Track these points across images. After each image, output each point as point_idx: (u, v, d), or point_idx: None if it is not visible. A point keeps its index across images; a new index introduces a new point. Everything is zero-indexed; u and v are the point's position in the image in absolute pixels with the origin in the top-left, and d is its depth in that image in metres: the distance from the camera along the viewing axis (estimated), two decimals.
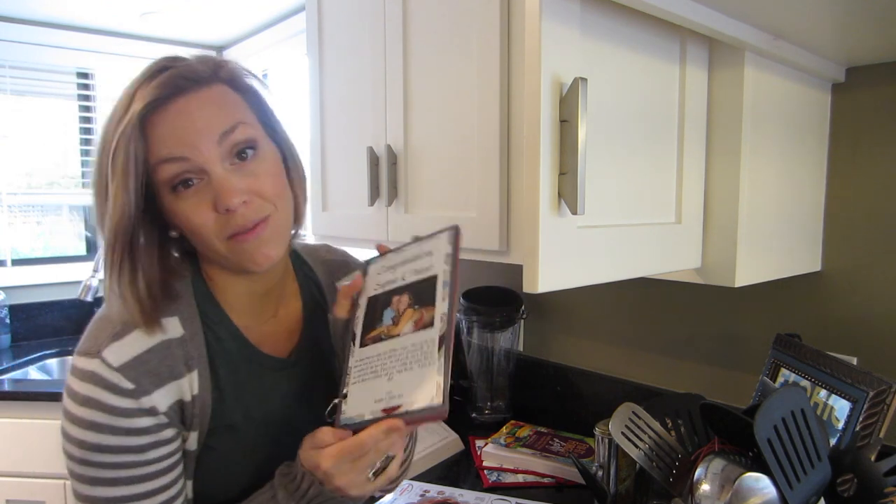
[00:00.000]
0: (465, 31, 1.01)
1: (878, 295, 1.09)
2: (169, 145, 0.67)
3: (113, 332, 0.70)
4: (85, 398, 0.68)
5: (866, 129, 1.09)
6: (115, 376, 0.68)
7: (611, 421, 0.91)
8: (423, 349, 0.66)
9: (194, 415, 0.74)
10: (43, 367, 2.23)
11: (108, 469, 0.69)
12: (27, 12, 2.31)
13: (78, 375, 0.69)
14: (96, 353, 0.69)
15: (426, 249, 0.74)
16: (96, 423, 0.68)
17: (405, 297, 0.72)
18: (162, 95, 0.68)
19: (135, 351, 0.70)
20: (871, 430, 0.87)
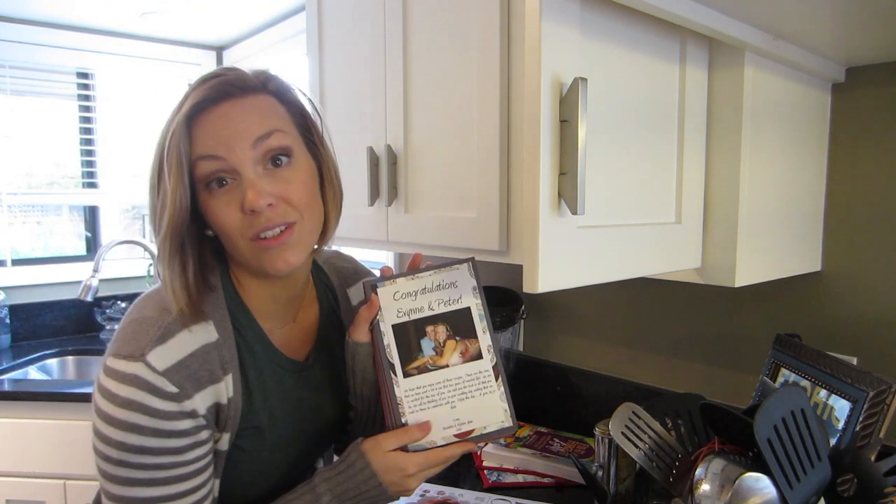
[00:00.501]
0: (465, 31, 1.01)
1: (878, 295, 1.09)
2: (207, 144, 0.72)
3: (157, 336, 0.71)
4: (127, 401, 0.69)
5: (866, 129, 1.09)
6: (160, 380, 0.69)
7: (611, 421, 0.91)
8: (480, 379, 0.76)
9: (228, 416, 0.76)
10: (43, 367, 2.23)
11: (146, 470, 0.70)
12: (27, 12, 2.31)
13: (118, 378, 0.69)
14: (140, 357, 0.69)
15: (449, 280, 0.80)
16: (138, 426, 0.69)
17: (441, 328, 0.78)
18: (209, 98, 0.72)
19: (178, 355, 0.71)
20: (871, 430, 0.87)
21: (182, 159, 0.71)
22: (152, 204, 0.74)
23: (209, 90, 0.72)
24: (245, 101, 0.74)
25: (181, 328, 0.73)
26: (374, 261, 2.18)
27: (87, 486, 1.82)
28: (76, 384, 1.98)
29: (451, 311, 0.78)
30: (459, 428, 0.76)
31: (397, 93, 1.14)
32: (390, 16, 1.15)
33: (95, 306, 2.46)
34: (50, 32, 2.43)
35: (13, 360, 2.13)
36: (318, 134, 0.84)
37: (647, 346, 1.41)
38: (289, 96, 0.80)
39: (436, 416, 0.76)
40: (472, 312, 0.78)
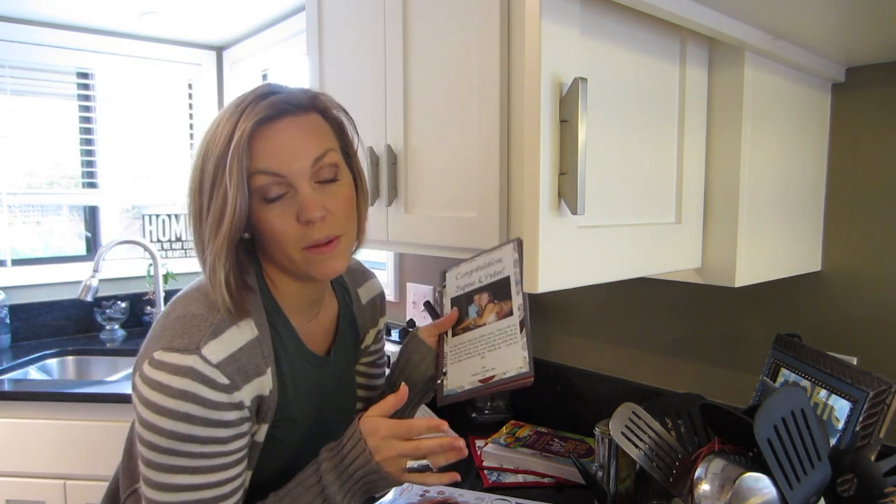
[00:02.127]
0: (466, 31, 1.01)
1: (878, 295, 1.09)
2: (269, 160, 0.77)
3: (210, 331, 0.75)
4: (180, 391, 0.72)
5: (866, 129, 1.09)
6: (214, 372, 0.73)
7: (611, 421, 0.91)
8: (508, 332, 0.84)
9: (269, 408, 0.81)
10: (43, 367, 2.23)
11: (192, 458, 0.74)
12: (27, 12, 2.31)
13: (171, 370, 0.73)
14: (195, 350, 0.73)
15: (496, 258, 0.91)
16: (190, 415, 0.72)
17: (485, 295, 0.90)
18: (269, 115, 0.77)
19: (230, 349, 0.76)
20: (871, 430, 0.87)
21: (243, 171, 0.75)
22: (201, 208, 0.78)
23: (270, 108, 0.77)
24: (300, 119, 0.79)
25: (230, 325, 0.77)
26: (374, 261, 2.18)
27: (87, 486, 1.82)
28: (76, 384, 1.98)
29: (494, 280, 0.89)
30: (483, 374, 0.85)
31: (397, 93, 1.14)
32: (390, 16, 1.15)
33: (95, 306, 2.46)
34: (50, 32, 2.43)
35: (13, 360, 2.13)
36: (353, 148, 0.89)
37: (647, 346, 1.41)
38: (331, 114, 0.86)
39: (468, 365, 0.87)
40: (511, 280, 0.87)
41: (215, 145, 0.76)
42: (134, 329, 2.57)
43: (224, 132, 0.76)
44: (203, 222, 0.78)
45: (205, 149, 0.78)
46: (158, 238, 2.72)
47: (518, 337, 0.83)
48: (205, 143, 0.78)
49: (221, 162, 0.75)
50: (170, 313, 0.80)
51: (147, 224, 2.68)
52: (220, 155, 0.75)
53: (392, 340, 1.69)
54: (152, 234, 2.70)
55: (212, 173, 0.76)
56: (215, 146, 0.76)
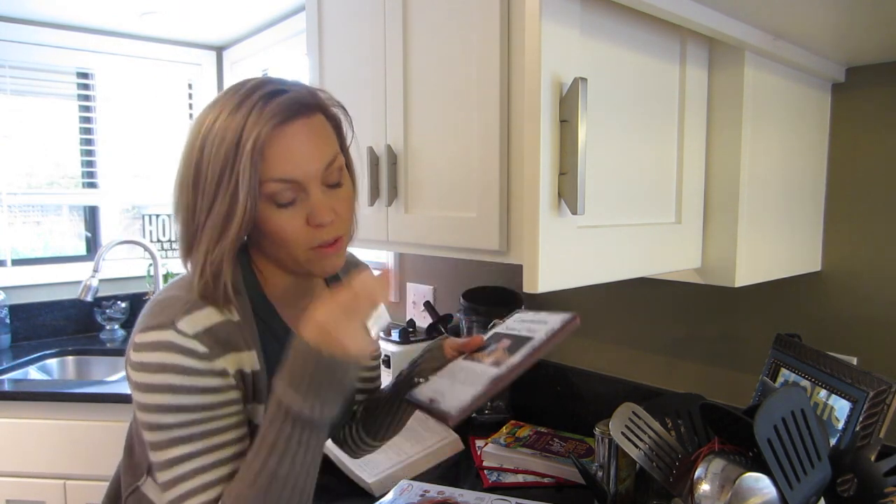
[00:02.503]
0: (466, 31, 1.01)
1: (878, 295, 1.09)
2: (283, 166, 0.75)
3: (185, 308, 0.76)
4: (160, 365, 0.73)
5: (866, 129, 1.09)
6: (191, 342, 0.74)
7: (611, 421, 0.91)
8: (480, 378, 0.83)
9: (259, 389, 0.81)
10: (43, 367, 2.23)
11: (184, 427, 0.74)
12: (27, 12, 2.31)
13: (150, 348, 0.74)
14: (170, 325, 0.74)
15: (545, 319, 0.91)
16: (172, 386, 0.73)
17: (506, 341, 0.91)
18: (282, 119, 0.75)
19: (206, 323, 0.76)
20: (871, 430, 0.87)
21: (255, 175, 0.74)
22: (195, 205, 0.77)
23: (281, 111, 0.75)
24: (309, 121, 0.78)
25: (207, 305, 0.78)
26: (374, 261, 2.18)
27: (87, 486, 1.82)
28: (76, 384, 1.98)
29: (522, 335, 0.89)
30: (434, 396, 0.87)
31: (397, 93, 1.14)
32: (390, 16, 1.15)
33: (95, 306, 2.46)
34: (50, 32, 2.43)
35: (13, 360, 2.13)
36: (347, 144, 0.89)
37: (647, 346, 1.41)
38: (331, 112, 0.84)
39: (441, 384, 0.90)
40: (529, 342, 0.86)
41: (218, 143, 0.74)
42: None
43: (228, 130, 0.74)
44: (195, 218, 0.77)
45: (201, 143, 0.75)
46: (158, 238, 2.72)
47: (480, 386, 0.81)
48: (200, 137, 0.75)
49: (228, 164, 0.73)
50: (152, 299, 0.81)
51: (147, 224, 2.68)
52: (227, 157, 0.73)
53: (392, 340, 1.69)
54: (152, 234, 2.70)
55: (217, 174, 0.74)
56: (218, 144, 0.74)
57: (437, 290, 1.94)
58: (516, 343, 0.88)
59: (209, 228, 0.76)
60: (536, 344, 0.83)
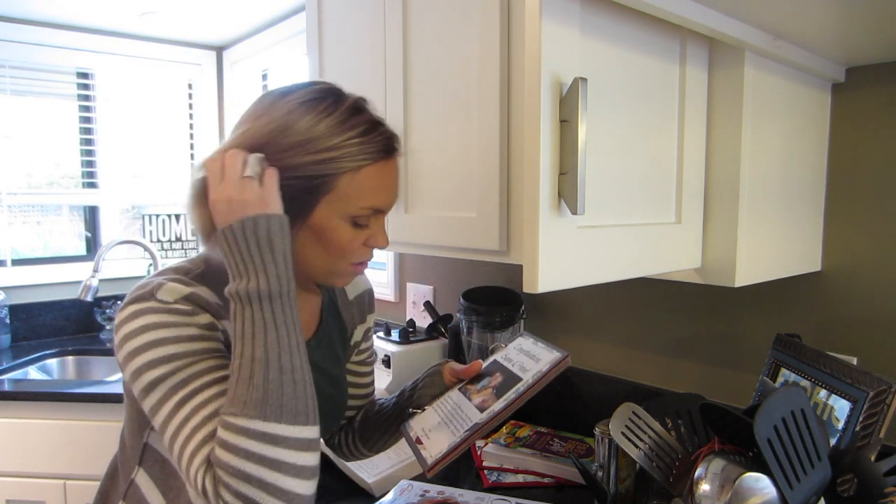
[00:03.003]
0: (465, 32, 1.01)
1: (878, 295, 1.09)
2: (381, 198, 0.82)
3: (163, 283, 0.77)
4: (142, 326, 0.73)
5: (866, 129, 1.09)
6: (171, 307, 0.75)
7: (611, 421, 0.91)
8: (463, 422, 0.87)
9: None
10: (43, 367, 2.23)
11: (178, 373, 0.73)
12: (27, 12, 2.31)
13: (132, 316, 0.74)
14: (149, 297, 0.75)
15: (538, 355, 0.94)
16: (158, 340, 0.73)
17: (498, 377, 0.93)
18: (384, 154, 0.81)
19: (185, 290, 0.77)
20: (871, 430, 0.87)
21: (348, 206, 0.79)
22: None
23: (385, 147, 0.81)
24: (395, 163, 0.85)
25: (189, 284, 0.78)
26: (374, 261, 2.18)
27: (87, 486, 1.82)
28: (76, 384, 1.98)
29: (514, 372, 0.92)
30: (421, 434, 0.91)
31: (397, 93, 1.14)
32: (390, 16, 1.15)
33: (95, 306, 2.46)
34: (50, 32, 2.43)
35: (13, 360, 2.13)
36: None
37: (647, 346, 1.41)
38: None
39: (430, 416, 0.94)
40: (518, 383, 0.90)
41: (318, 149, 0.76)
42: None
43: (332, 142, 0.76)
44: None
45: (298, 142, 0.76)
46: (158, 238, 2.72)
47: (460, 432, 0.85)
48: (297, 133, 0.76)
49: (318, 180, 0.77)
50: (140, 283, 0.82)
51: (147, 224, 2.68)
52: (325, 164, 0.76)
53: (392, 340, 1.68)
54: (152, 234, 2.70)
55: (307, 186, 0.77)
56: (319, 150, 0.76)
57: (437, 290, 1.94)
58: (506, 382, 0.91)
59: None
60: (522, 389, 0.89)
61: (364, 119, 0.80)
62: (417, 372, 1.63)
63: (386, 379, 1.60)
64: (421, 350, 1.66)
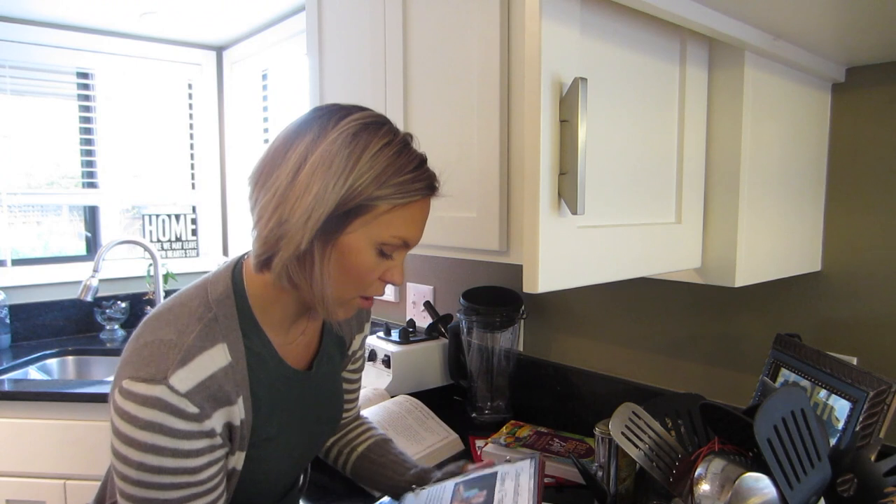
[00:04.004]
0: (465, 31, 1.01)
1: (878, 295, 1.09)
2: (412, 232, 0.82)
3: (179, 358, 0.73)
4: (147, 422, 0.70)
5: (866, 129, 1.09)
6: (182, 402, 0.71)
7: (611, 421, 0.91)
8: None
9: (243, 436, 0.79)
10: (43, 367, 2.23)
11: (163, 490, 0.72)
12: (27, 12, 2.31)
13: (138, 401, 0.71)
14: (162, 380, 0.71)
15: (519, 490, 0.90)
16: (158, 447, 0.70)
17: (480, 497, 0.91)
18: (424, 194, 0.81)
19: (199, 377, 0.73)
20: (871, 430, 0.87)
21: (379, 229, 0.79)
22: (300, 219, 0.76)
23: (427, 186, 0.81)
24: (430, 202, 0.85)
25: (200, 351, 0.75)
26: None
27: (87, 486, 1.82)
28: (76, 384, 1.98)
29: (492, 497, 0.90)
30: None
31: (397, 93, 1.14)
32: (390, 16, 1.15)
33: (95, 306, 2.46)
34: (50, 32, 2.43)
35: (13, 360, 2.13)
36: None
37: (647, 346, 1.41)
38: None
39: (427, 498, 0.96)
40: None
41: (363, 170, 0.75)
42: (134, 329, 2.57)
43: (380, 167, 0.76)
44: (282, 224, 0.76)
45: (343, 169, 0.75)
46: (158, 238, 2.72)
47: None
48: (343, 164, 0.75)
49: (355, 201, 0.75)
50: (139, 337, 0.77)
51: (147, 224, 2.69)
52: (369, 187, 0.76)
53: (392, 340, 1.68)
54: (152, 234, 2.71)
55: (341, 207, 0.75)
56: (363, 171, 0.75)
57: (437, 290, 1.94)
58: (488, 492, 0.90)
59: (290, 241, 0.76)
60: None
61: (416, 154, 0.81)
62: (417, 372, 1.63)
63: (386, 379, 1.60)
64: (421, 350, 1.66)
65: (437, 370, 1.69)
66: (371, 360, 1.67)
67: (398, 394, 1.54)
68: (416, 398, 1.49)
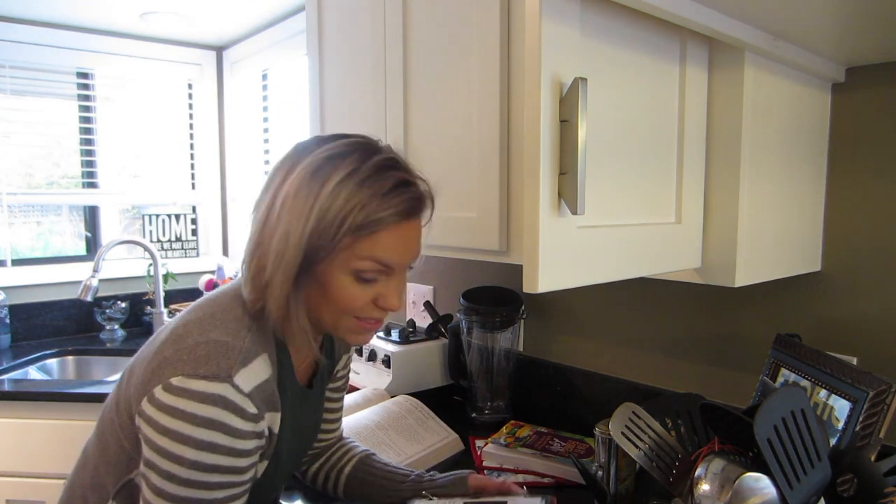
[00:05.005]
0: (465, 31, 1.01)
1: (878, 295, 1.09)
2: (388, 254, 0.78)
3: (241, 358, 0.74)
4: (208, 420, 0.70)
5: (866, 130, 1.09)
6: (245, 401, 0.72)
7: (611, 421, 0.91)
8: None
9: (271, 444, 0.81)
10: (43, 367, 2.23)
11: (210, 490, 0.72)
12: (27, 12, 2.31)
13: (197, 398, 0.70)
14: (226, 378, 0.72)
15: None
16: (216, 444, 0.70)
17: None
18: (402, 213, 0.78)
19: (259, 379, 0.75)
20: (871, 430, 0.87)
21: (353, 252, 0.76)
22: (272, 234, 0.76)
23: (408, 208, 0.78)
24: (418, 223, 0.82)
25: (257, 355, 0.76)
26: None
27: None
28: (76, 384, 1.98)
29: None
30: None
31: (397, 92, 1.14)
32: (390, 16, 1.15)
33: (95, 306, 2.46)
34: (50, 32, 2.43)
35: (13, 360, 2.13)
36: None
37: (647, 346, 1.41)
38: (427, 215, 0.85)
39: None
40: None
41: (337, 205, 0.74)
42: (134, 329, 2.57)
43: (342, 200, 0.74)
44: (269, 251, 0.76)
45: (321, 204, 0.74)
46: (158, 238, 2.72)
47: None
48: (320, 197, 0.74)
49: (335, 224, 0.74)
50: (184, 337, 0.76)
51: (147, 224, 2.69)
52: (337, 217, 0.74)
53: (392, 340, 1.68)
54: (152, 234, 2.70)
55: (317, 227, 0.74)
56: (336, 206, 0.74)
57: (437, 290, 1.94)
58: None
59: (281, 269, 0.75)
60: None
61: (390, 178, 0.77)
62: (417, 372, 1.63)
63: (386, 379, 1.60)
64: (421, 350, 1.66)
65: (437, 370, 1.69)
66: (371, 360, 1.67)
67: (398, 394, 1.54)
68: (416, 398, 1.49)
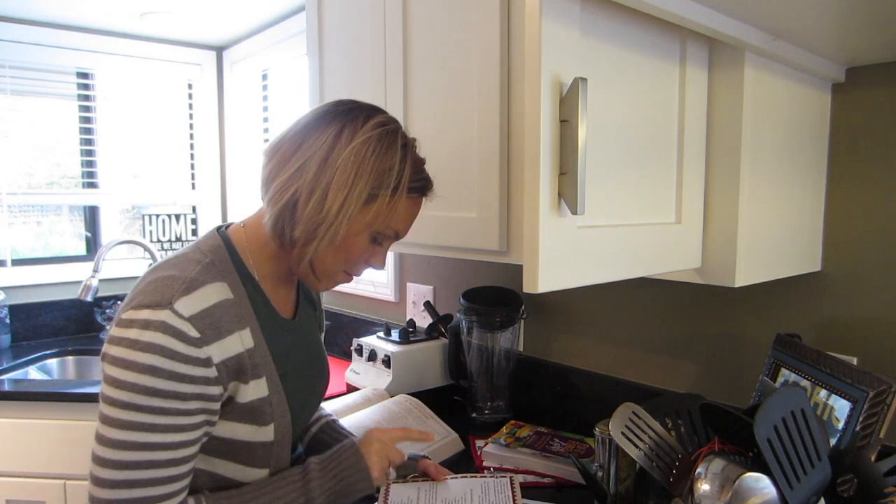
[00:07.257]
0: (465, 31, 1.01)
1: (878, 295, 1.09)
2: (403, 227, 0.91)
3: (184, 287, 0.78)
4: (149, 344, 0.74)
5: (866, 130, 1.09)
6: (185, 325, 0.75)
7: (611, 421, 0.91)
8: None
9: (257, 363, 0.84)
10: (43, 367, 2.23)
11: (152, 414, 0.74)
12: (27, 12, 2.31)
13: (141, 325, 0.75)
14: (167, 305, 0.75)
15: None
16: (155, 367, 0.74)
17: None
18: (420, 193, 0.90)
19: (202, 305, 0.78)
20: (871, 430, 0.87)
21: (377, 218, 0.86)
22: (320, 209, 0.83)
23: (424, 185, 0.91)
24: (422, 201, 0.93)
25: (203, 284, 0.80)
26: None
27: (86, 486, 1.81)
28: (76, 384, 1.98)
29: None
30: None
31: (397, 93, 1.14)
32: (390, 16, 1.15)
33: (95, 306, 2.46)
34: (50, 32, 2.43)
35: (13, 360, 2.13)
36: None
37: (647, 346, 1.41)
38: None
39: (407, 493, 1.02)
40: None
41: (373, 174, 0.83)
42: None
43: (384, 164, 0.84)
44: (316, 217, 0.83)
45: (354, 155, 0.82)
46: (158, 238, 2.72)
47: None
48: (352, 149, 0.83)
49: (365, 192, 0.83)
50: (139, 283, 0.82)
51: (147, 224, 2.68)
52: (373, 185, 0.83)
53: (392, 340, 1.69)
54: (152, 234, 2.70)
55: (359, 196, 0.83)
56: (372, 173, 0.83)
57: (437, 290, 1.94)
58: None
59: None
60: None
61: (420, 157, 0.91)
62: (417, 372, 1.63)
63: (386, 379, 1.60)
64: (421, 350, 1.66)
65: (437, 370, 1.69)
66: (371, 360, 1.67)
67: (398, 394, 1.54)
68: (416, 398, 1.49)
